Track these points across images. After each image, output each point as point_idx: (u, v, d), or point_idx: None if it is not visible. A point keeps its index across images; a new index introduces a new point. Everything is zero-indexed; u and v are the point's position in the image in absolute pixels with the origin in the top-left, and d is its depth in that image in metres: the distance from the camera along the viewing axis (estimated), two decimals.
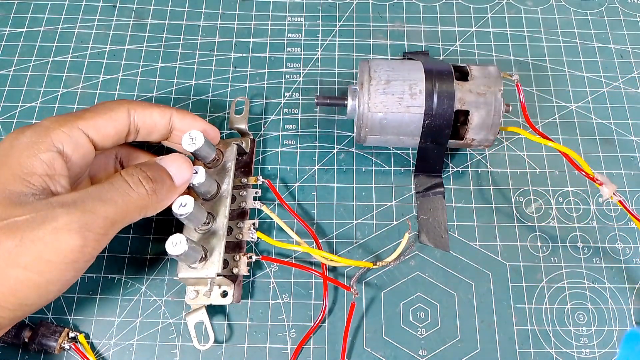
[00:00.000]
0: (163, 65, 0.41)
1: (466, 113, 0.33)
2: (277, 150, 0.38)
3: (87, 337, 0.32)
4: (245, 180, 0.35)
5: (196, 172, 0.30)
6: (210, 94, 0.40)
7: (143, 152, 0.35)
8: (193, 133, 0.31)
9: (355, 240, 0.35)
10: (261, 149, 0.38)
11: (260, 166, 0.38)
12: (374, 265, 0.33)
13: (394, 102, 0.33)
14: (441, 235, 0.36)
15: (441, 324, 0.33)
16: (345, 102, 0.35)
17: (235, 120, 0.37)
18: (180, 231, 0.33)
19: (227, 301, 0.32)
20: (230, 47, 0.42)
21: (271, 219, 0.35)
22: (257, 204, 0.34)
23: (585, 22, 0.44)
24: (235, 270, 0.32)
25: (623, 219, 0.36)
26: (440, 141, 0.34)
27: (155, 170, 0.29)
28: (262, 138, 0.39)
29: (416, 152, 0.36)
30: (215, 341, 0.33)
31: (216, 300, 0.32)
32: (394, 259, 0.33)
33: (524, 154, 0.38)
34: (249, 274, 0.33)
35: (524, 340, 0.33)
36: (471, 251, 0.35)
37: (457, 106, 0.32)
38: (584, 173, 0.32)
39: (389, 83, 0.33)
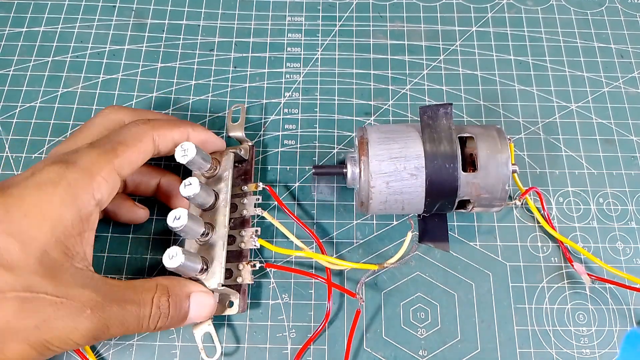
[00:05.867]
0: (163, 65, 0.41)
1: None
2: (277, 150, 0.38)
3: None
4: (246, 187, 0.34)
5: (190, 184, 0.30)
6: (210, 94, 0.40)
7: (153, 168, 0.35)
8: (185, 145, 0.30)
9: (355, 241, 0.35)
10: (261, 149, 0.38)
11: (260, 166, 0.38)
12: (378, 267, 0.32)
13: (394, 181, 0.31)
14: (441, 235, 0.36)
15: (441, 324, 0.33)
16: (345, 170, 0.33)
17: (231, 128, 0.37)
18: (178, 239, 0.33)
19: (233, 311, 0.32)
20: (230, 47, 0.42)
21: (272, 224, 0.34)
22: (259, 211, 0.33)
23: (586, 22, 0.43)
24: (239, 280, 0.32)
25: (623, 219, 0.36)
26: (442, 213, 0.34)
27: (181, 304, 0.28)
28: (262, 138, 0.39)
29: None
30: (214, 340, 0.33)
31: (220, 310, 0.32)
32: (398, 259, 0.32)
33: (524, 154, 0.38)
34: (253, 282, 0.33)
35: (524, 340, 0.33)
36: (471, 251, 0.35)
37: (461, 196, 0.31)
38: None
39: (388, 161, 0.31)
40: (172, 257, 0.28)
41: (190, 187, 0.30)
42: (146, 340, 0.33)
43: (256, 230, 0.33)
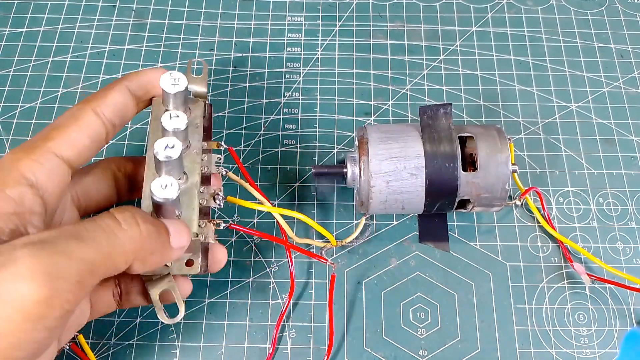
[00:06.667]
0: (163, 65, 0.41)
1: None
2: (277, 150, 0.38)
3: (86, 337, 0.32)
4: (205, 144, 0.30)
5: (177, 116, 0.27)
6: (210, 94, 0.40)
7: (140, 158, 0.31)
8: (174, 73, 0.27)
9: (355, 241, 0.35)
10: (261, 149, 0.38)
11: (260, 166, 0.38)
12: (337, 244, 0.34)
13: (394, 180, 0.31)
14: (441, 235, 0.36)
15: (441, 324, 0.33)
16: (345, 169, 0.33)
17: (191, 80, 0.31)
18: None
19: (193, 271, 0.27)
20: (230, 47, 0.42)
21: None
22: (223, 170, 0.30)
23: (586, 22, 0.43)
24: (201, 237, 0.28)
25: (623, 219, 0.36)
26: (443, 213, 0.34)
27: (155, 219, 0.24)
28: (262, 138, 0.39)
29: None
30: (214, 340, 0.33)
31: (179, 269, 0.27)
32: (351, 240, 0.34)
33: (524, 154, 0.38)
34: (215, 241, 0.29)
35: (524, 340, 0.33)
36: (471, 251, 0.35)
37: (461, 196, 0.31)
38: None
39: (388, 160, 0.31)
40: (166, 187, 0.24)
41: (177, 120, 0.27)
42: (146, 340, 0.33)
43: (218, 188, 0.29)
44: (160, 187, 0.24)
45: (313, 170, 0.34)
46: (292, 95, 0.40)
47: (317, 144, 0.39)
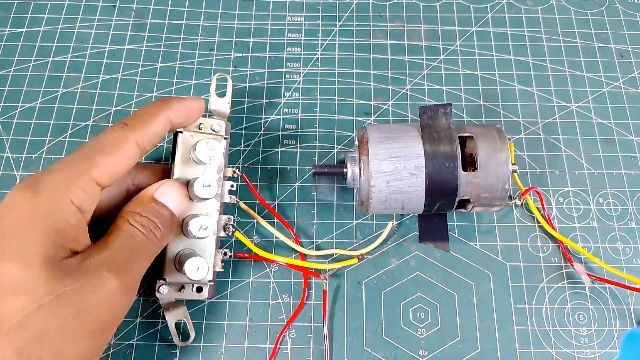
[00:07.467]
0: (163, 65, 0.41)
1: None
2: (277, 150, 0.38)
3: None
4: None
5: (209, 186, 0.30)
6: (210, 94, 0.40)
7: (150, 168, 0.33)
8: (211, 143, 0.30)
9: (355, 240, 0.35)
10: (261, 149, 0.38)
11: (260, 166, 0.38)
12: (358, 259, 0.34)
13: (394, 180, 0.31)
14: (441, 235, 0.36)
15: (441, 324, 0.33)
16: (345, 169, 0.33)
17: (215, 101, 0.33)
18: None
19: (201, 297, 0.31)
20: (230, 47, 0.42)
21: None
22: (234, 199, 0.32)
23: (586, 22, 0.43)
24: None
25: (623, 219, 0.36)
26: (443, 212, 0.35)
27: (160, 214, 0.28)
28: (262, 138, 0.39)
29: None
30: (214, 340, 0.33)
31: (189, 295, 0.31)
32: (375, 247, 0.34)
33: (524, 154, 0.38)
34: (222, 270, 0.32)
35: (524, 340, 0.33)
36: (471, 251, 0.35)
37: (461, 196, 0.31)
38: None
39: (388, 160, 0.31)
40: (199, 269, 0.29)
41: (209, 189, 0.30)
42: (146, 340, 0.33)
43: (229, 218, 0.32)
44: (194, 269, 0.29)
45: (313, 170, 0.34)
46: (292, 95, 0.40)
47: (317, 144, 0.39)
